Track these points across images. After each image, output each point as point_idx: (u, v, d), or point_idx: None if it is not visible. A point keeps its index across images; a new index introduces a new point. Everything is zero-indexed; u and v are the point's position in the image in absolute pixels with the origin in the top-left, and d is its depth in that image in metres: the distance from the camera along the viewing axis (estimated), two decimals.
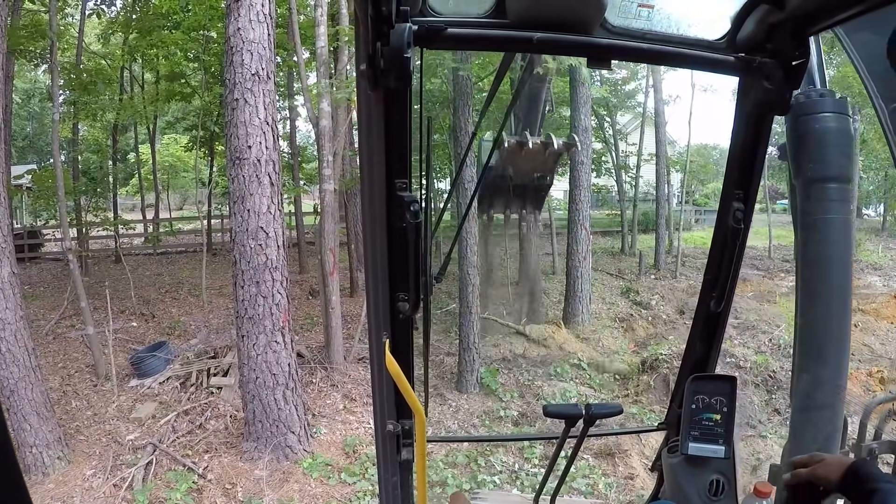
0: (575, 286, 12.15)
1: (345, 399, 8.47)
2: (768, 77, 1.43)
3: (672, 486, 1.94)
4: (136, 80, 18.67)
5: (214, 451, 7.37)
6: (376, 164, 1.29)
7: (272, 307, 6.84)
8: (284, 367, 7.02)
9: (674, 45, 1.44)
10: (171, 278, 14.52)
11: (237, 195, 6.76)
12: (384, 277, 1.42)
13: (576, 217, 12.42)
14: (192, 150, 16.86)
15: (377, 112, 1.23)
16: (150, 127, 18.66)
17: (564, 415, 1.86)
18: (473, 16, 1.33)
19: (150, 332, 11.18)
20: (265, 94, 6.80)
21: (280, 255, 6.89)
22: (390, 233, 1.34)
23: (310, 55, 10.76)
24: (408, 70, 1.13)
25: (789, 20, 1.32)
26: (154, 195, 20.09)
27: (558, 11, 1.29)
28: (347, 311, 11.78)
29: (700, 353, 1.91)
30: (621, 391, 9.17)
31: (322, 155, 8.61)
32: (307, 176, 16.23)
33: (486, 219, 9.30)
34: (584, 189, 12.54)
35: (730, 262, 1.69)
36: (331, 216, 8.96)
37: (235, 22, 6.69)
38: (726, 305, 1.78)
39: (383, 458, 1.77)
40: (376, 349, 1.54)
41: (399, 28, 1.10)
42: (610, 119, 20.39)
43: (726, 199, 1.68)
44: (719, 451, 1.83)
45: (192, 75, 15.53)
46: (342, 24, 9.23)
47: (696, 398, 1.86)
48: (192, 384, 8.83)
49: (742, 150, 1.64)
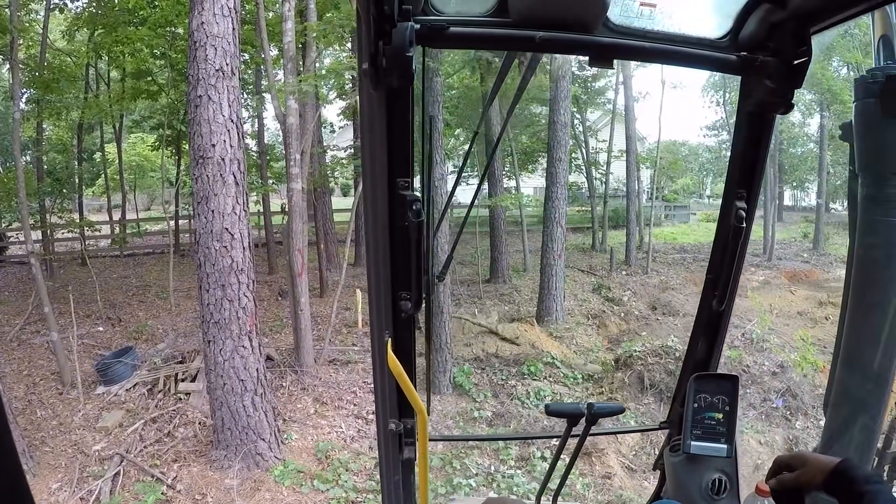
0: (549, 284, 12.07)
1: (316, 403, 8.31)
2: (770, 76, 1.43)
3: (674, 484, 1.94)
4: (102, 78, 18.31)
5: (183, 460, 7.16)
6: (378, 163, 1.29)
7: (238, 311, 6.64)
8: (252, 373, 6.82)
9: (676, 44, 1.43)
10: (139, 281, 14.24)
11: (201, 195, 6.54)
12: (386, 276, 1.41)
13: (552, 214, 12.34)
14: (159, 149, 16.54)
15: (379, 111, 1.23)
16: (116, 126, 18.32)
17: (566, 414, 1.87)
18: (475, 15, 1.33)
19: (117, 337, 10.93)
20: (229, 91, 6.60)
21: (246, 256, 6.69)
22: (392, 232, 1.34)
23: (278, 52, 10.53)
24: (410, 69, 1.13)
25: (791, 19, 1.33)
26: (121, 196, 19.69)
27: (560, 10, 1.29)
28: (317, 312, 11.63)
29: (702, 352, 1.91)
30: (595, 389, 9.13)
31: (289, 153, 8.42)
32: (275, 175, 16.04)
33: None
34: (560, 186, 12.48)
35: (731, 262, 1.69)
36: (299, 216, 8.76)
37: (199, 16, 6.48)
38: (728, 304, 1.78)
39: (385, 457, 1.77)
40: (378, 348, 1.54)
41: (401, 27, 1.10)
42: (580, 116, 20.52)
43: (728, 199, 1.67)
44: (721, 449, 1.84)
45: (158, 73, 15.23)
46: (310, 20, 9.02)
47: (698, 397, 1.87)
48: (159, 390, 8.61)
49: (744, 150, 1.62)
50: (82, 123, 16.62)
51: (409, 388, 1.43)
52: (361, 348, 10.26)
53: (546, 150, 19.20)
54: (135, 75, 14.69)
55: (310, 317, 9.16)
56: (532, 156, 21.04)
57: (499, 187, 15.99)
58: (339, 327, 11.26)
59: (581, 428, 1.89)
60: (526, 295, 13.99)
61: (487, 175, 14.84)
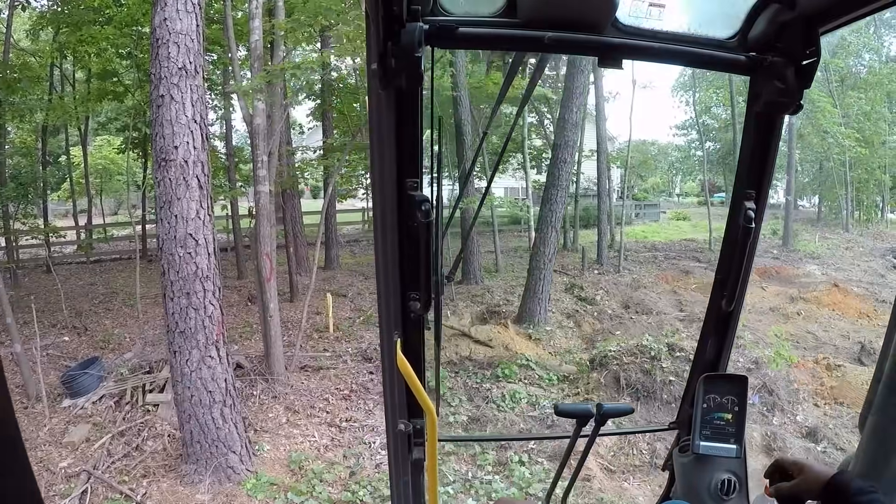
0: (536, 287, 11.88)
1: (288, 412, 8.10)
2: (779, 76, 1.44)
3: (683, 484, 1.95)
4: (67, 79, 17.94)
5: (153, 476, 6.90)
6: (387, 163, 1.29)
7: (204, 320, 6.40)
8: (221, 384, 6.59)
9: (684, 45, 1.45)
10: (105, 288, 13.90)
11: (164, 199, 6.29)
12: (395, 277, 1.42)
13: (548, 217, 12.08)
14: (126, 152, 16.22)
15: (388, 111, 1.23)
16: (82, 128, 17.94)
17: (576, 414, 1.86)
18: (484, 15, 1.34)
19: (84, 347, 10.61)
20: (193, 90, 6.35)
21: (211, 263, 6.46)
22: (401, 232, 1.35)
23: (247, 52, 10.32)
24: (419, 69, 1.15)
25: (800, 19, 1.35)
26: (87, 200, 19.22)
27: (569, 10, 1.29)
28: (288, 318, 11.43)
29: (711, 353, 1.92)
30: (571, 390, 9.06)
31: (256, 155, 8.20)
32: (244, 178, 15.78)
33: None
34: (562, 189, 12.20)
35: (741, 262, 1.70)
36: (266, 219, 8.53)
37: (162, 12, 6.23)
38: (738, 304, 1.79)
39: (395, 458, 1.77)
40: (388, 348, 1.54)
41: (410, 27, 1.11)
42: (551, 116, 20.61)
43: (738, 199, 1.67)
44: (731, 450, 1.85)
45: (124, 73, 14.99)
46: (278, 18, 8.82)
47: (707, 397, 1.88)
48: (127, 402, 8.32)
49: (753, 150, 1.64)
50: (47, 126, 16.26)
51: (418, 388, 1.42)
52: (333, 354, 10.09)
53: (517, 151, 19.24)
54: (100, 76, 14.45)
55: (279, 323, 8.95)
56: (503, 156, 21.00)
57: (470, 188, 15.89)
58: (310, 332, 11.08)
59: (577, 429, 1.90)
60: (499, 296, 13.91)
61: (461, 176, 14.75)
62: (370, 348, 10.36)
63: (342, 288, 14.21)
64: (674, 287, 15.39)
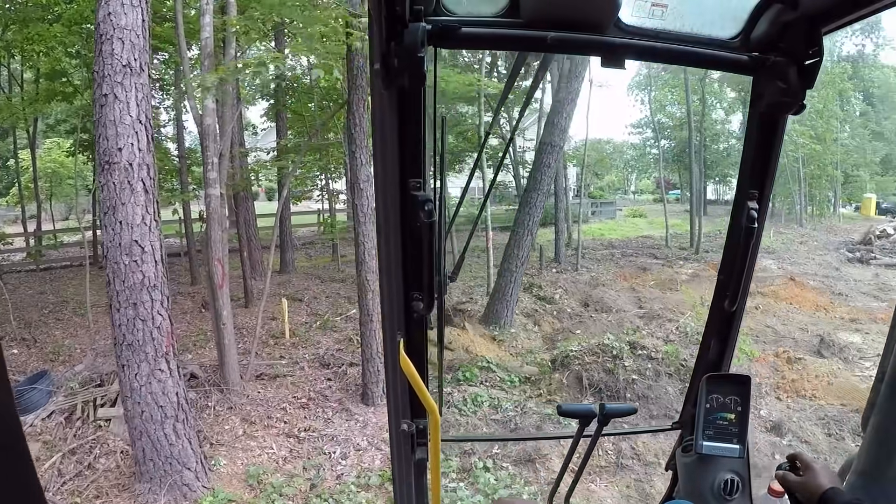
0: (505, 289, 11.71)
1: (244, 423, 7.82)
2: (782, 76, 1.45)
3: (686, 485, 1.97)
4: (15, 80, 17.28)
5: (106, 496, 6.55)
6: (390, 163, 1.29)
7: (153, 331, 6.10)
8: (172, 398, 6.29)
9: (687, 45, 1.45)
10: (56, 296, 13.31)
11: (108, 205, 5.96)
12: (398, 277, 1.42)
13: (525, 220, 11.87)
14: (75, 154, 15.64)
15: (390, 111, 1.23)
16: (31, 130, 17.27)
17: (579, 414, 1.90)
18: (487, 15, 1.34)
19: (33, 360, 10.09)
20: (138, 89, 6.02)
21: (158, 271, 6.15)
22: (404, 232, 1.34)
23: (199, 51, 10.00)
24: (421, 69, 1.14)
25: (802, 19, 1.35)
26: (36, 205, 18.48)
27: (572, 10, 1.30)
28: (242, 324, 11.13)
29: (714, 353, 1.95)
30: (533, 391, 8.98)
31: (206, 156, 7.88)
32: (196, 181, 15.35)
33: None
34: (542, 193, 12.02)
35: (743, 262, 1.72)
36: (218, 223, 8.21)
37: (106, 6, 5.87)
38: (740, 304, 1.81)
39: (398, 458, 1.78)
40: (391, 349, 1.54)
41: (413, 27, 1.11)
42: (507, 115, 20.70)
43: (741, 199, 1.69)
44: (734, 450, 1.87)
45: (74, 73, 14.48)
46: (230, 15, 8.53)
47: (710, 397, 1.90)
48: (77, 417, 7.91)
49: (756, 150, 1.66)
50: None
51: (421, 388, 1.42)
52: (290, 360, 9.83)
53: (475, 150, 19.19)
54: (49, 76, 13.99)
55: (233, 330, 8.64)
56: (459, 156, 20.98)
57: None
58: (266, 339, 10.79)
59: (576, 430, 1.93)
60: (456, 297, 13.78)
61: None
62: (328, 354, 10.15)
63: (298, 292, 13.93)
64: (632, 284, 15.51)
